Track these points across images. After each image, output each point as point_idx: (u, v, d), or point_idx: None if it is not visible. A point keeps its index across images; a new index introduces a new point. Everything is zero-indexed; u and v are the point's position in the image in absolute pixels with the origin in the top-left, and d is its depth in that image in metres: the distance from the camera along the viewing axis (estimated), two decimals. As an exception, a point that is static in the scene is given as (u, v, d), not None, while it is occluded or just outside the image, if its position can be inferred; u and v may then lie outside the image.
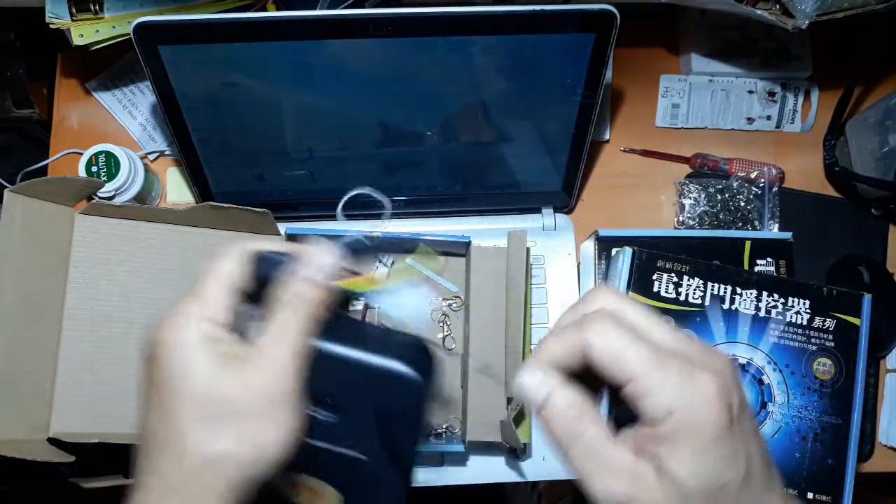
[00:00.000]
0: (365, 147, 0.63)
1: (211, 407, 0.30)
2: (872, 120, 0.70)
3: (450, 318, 0.66)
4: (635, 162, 0.76)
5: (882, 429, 0.71)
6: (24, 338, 0.54)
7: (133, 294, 0.59)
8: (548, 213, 0.71)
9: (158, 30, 0.51)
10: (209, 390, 0.30)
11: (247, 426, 0.30)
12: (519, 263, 0.60)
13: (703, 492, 0.28)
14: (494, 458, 0.65)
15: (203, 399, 0.30)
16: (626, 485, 0.29)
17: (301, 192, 0.68)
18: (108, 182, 0.65)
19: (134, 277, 0.59)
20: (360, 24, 0.51)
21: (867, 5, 0.56)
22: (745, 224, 0.73)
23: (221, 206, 0.58)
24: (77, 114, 0.74)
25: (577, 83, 0.57)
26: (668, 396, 0.28)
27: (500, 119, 0.61)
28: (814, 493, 0.55)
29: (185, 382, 0.31)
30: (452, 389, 0.64)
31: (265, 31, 0.52)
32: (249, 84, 0.56)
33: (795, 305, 0.57)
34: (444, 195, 0.69)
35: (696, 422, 0.28)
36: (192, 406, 0.30)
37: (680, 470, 0.28)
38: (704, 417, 0.28)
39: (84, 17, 0.60)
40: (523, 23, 0.52)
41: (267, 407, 0.31)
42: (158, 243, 0.60)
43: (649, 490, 0.28)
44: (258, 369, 0.31)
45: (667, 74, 0.77)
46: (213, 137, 0.61)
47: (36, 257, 0.55)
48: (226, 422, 0.30)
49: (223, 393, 0.30)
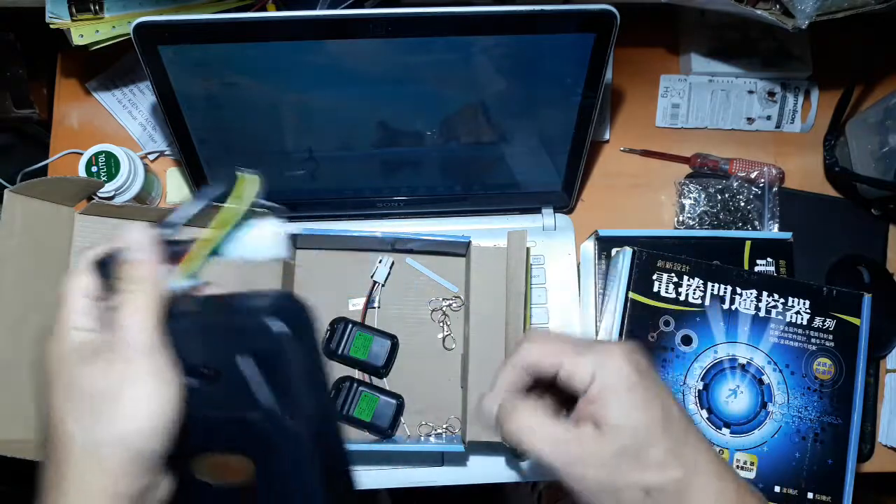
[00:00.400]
0: (365, 147, 0.63)
1: (80, 399, 0.33)
2: (872, 120, 0.70)
3: (450, 318, 0.66)
4: (635, 162, 0.76)
5: (882, 429, 0.71)
6: (25, 338, 0.54)
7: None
8: (548, 213, 0.71)
9: (158, 30, 0.51)
10: (74, 384, 0.34)
11: (116, 408, 0.33)
12: (519, 263, 0.60)
13: (631, 432, 0.35)
14: (494, 458, 0.65)
15: (70, 393, 0.34)
16: (575, 447, 0.36)
17: (301, 191, 0.68)
18: (108, 182, 0.65)
19: (134, 277, 0.59)
20: (360, 24, 0.51)
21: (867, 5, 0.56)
22: (745, 224, 0.73)
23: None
24: (77, 114, 0.74)
25: (577, 83, 0.57)
26: (587, 368, 0.37)
27: (499, 119, 0.61)
28: (814, 493, 0.55)
29: (58, 383, 0.34)
30: (452, 389, 0.65)
31: (265, 31, 0.52)
32: (249, 84, 0.56)
33: (795, 305, 0.57)
34: (444, 195, 0.69)
35: (611, 380, 0.36)
36: (64, 402, 0.34)
37: (609, 418, 0.35)
38: (617, 375, 0.36)
39: (84, 17, 0.60)
40: (523, 23, 0.52)
41: (130, 385, 0.33)
42: (158, 243, 0.60)
43: (592, 444, 0.36)
44: (113, 354, 0.33)
45: (667, 74, 0.77)
46: (213, 137, 0.61)
47: (36, 257, 0.55)
48: (96, 410, 0.33)
49: (87, 383, 0.33)
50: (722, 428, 0.56)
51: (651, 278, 0.57)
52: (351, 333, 0.63)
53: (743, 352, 0.56)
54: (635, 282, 0.57)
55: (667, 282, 0.57)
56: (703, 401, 0.56)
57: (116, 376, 0.33)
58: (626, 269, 0.57)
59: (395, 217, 0.72)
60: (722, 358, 0.56)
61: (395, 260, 0.67)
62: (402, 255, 0.67)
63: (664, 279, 0.57)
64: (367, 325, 0.65)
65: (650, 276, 0.57)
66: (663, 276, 0.57)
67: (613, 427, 0.35)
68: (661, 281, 0.57)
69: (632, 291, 0.57)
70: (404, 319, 0.66)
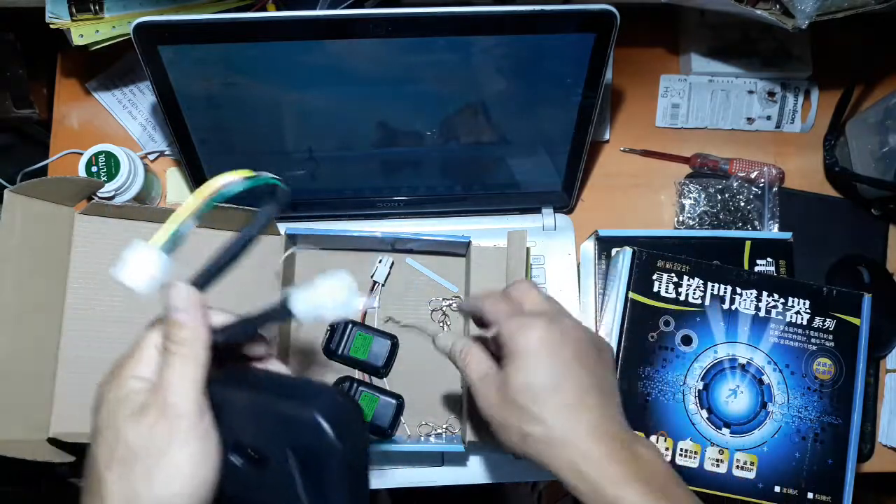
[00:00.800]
0: (365, 147, 0.63)
1: (123, 453, 0.33)
2: (872, 120, 0.70)
3: (450, 318, 0.66)
4: (635, 162, 0.76)
5: (882, 429, 0.71)
6: (25, 338, 0.54)
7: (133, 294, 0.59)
8: (548, 213, 0.71)
9: (158, 30, 0.51)
10: (119, 437, 0.34)
11: (157, 469, 0.33)
12: (519, 263, 0.60)
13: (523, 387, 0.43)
14: (494, 458, 0.65)
15: (115, 446, 0.34)
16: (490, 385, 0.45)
17: (301, 191, 0.68)
18: (108, 182, 0.65)
19: (134, 277, 0.59)
20: (360, 24, 0.51)
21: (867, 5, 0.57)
22: (745, 224, 0.73)
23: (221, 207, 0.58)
24: (77, 114, 0.74)
25: (577, 83, 0.57)
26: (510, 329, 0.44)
27: (500, 119, 0.61)
28: (814, 493, 0.55)
29: (106, 433, 0.34)
30: (452, 389, 0.65)
31: (265, 31, 0.52)
32: (249, 84, 0.56)
33: (795, 305, 0.57)
34: (444, 195, 0.69)
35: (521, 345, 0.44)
36: (109, 455, 0.34)
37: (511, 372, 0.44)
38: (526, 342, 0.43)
39: (84, 17, 0.60)
40: (523, 23, 0.52)
41: (172, 447, 0.33)
42: (158, 243, 0.60)
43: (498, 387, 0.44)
44: (159, 412, 0.34)
45: (667, 74, 0.77)
46: (213, 137, 0.61)
47: (36, 257, 0.55)
48: (138, 467, 0.33)
49: (132, 439, 0.33)
50: (722, 428, 0.56)
51: (651, 278, 0.57)
52: (351, 333, 0.63)
53: (743, 352, 0.56)
54: (635, 282, 0.57)
55: (667, 282, 0.57)
56: (703, 401, 0.56)
57: (160, 436, 0.33)
58: (626, 269, 0.57)
59: (395, 217, 0.72)
60: (722, 358, 0.56)
61: (395, 260, 0.66)
62: (402, 255, 0.67)
63: (664, 279, 0.57)
64: (367, 325, 0.65)
65: (650, 276, 0.57)
66: (663, 276, 0.57)
67: (513, 380, 0.44)
68: (661, 281, 0.57)
69: (632, 291, 0.57)
70: (404, 319, 0.66)
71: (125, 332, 0.58)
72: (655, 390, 0.56)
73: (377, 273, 0.66)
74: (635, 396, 0.56)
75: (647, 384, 0.56)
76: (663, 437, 0.56)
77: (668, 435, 0.55)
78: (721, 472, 0.55)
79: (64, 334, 0.57)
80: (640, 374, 0.56)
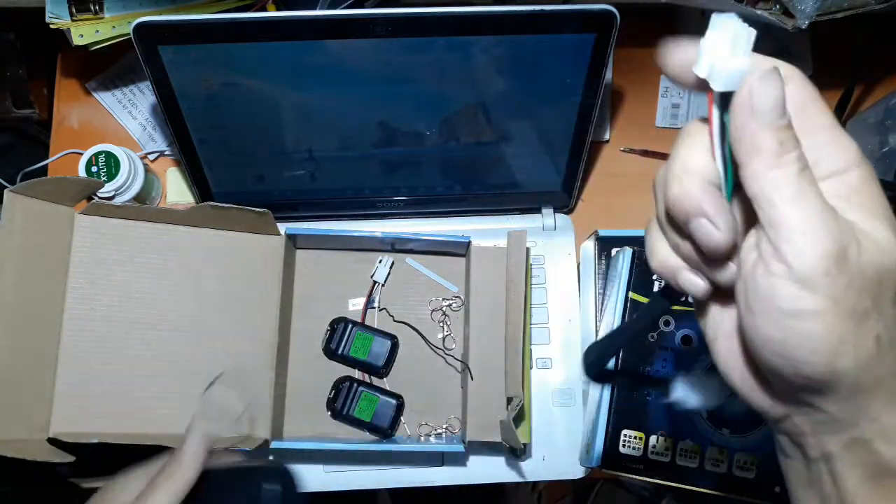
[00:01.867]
0: (365, 147, 0.63)
1: None
2: (872, 120, 0.70)
3: (450, 318, 0.66)
4: (635, 162, 0.76)
5: (882, 429, 0.70)
6: (25, 338, 0.54)
7: (133, 294, 0.59)
8: (548, 213, 0.71)
9: (158, 30, 0.51)
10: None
11: None
12: (519, 263, 0.60)
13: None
14: (494, 458, 0.65)
15: None
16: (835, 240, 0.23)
17: (301, 192, 0.68)
18: (108, 182, 0.65)
19: (134, 277, 0.59)
20: (360, 24, 0.51)
21: (867, 5, 0.56)
22: (745, 224, 0.72)
23: (221, 207, 0.58)
24: (77, 114, 0.74)
25: (577, 83, 0.57)
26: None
27: (499, 119, 0.61)
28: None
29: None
30: (452, 389, 0.65)
31: (265, 31, 0.52)
32: (249, 84, 0.56)
33: (795, 305, 0.57)
34: (444, 195, 0.70)
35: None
36: None
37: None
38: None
39: (84, 17, 0.60)
40: (523, 23, 0.52)
41: None
42: (158, 243, 0.60)
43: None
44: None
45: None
46: (213, 137, 0.61)
47: (36, 257, 0.55)
48: None
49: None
50: (722, 428, 0.56)
51: (651, 278, 0.57)
52: (351, 333, 0.63)
53: (743, 352, 0.56)
54: (635, 282, 0.57)
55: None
56: (703, 401, 0.56)
57: None
58: (626, 269, 0.57)
59: (395, 217, 0.72)
60: (722, 358, 0.56)
61: (395, 260, 0.67)
62: (402, 255, 0.67)
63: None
64: (367, 325, 0.65)
65: (650, 276, 0.57)
66: (663, 276, 0.57)
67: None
68: (661, 281, 0.57)
69: (632, 291, 0.57)
70: (404, 319, 0.66)
71: (125, 332, 0.58)
72: (655, 390, 0.56)
73: (377, 273, 0.66)
74: (635, 396, 0.56)
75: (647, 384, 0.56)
76: (663, 436, 0.56)
77: (669, 435, 0.55)
78: (721, 472, 0.55)
79: (64, 334, 0.57)
80: (640, 373, 0.56)
